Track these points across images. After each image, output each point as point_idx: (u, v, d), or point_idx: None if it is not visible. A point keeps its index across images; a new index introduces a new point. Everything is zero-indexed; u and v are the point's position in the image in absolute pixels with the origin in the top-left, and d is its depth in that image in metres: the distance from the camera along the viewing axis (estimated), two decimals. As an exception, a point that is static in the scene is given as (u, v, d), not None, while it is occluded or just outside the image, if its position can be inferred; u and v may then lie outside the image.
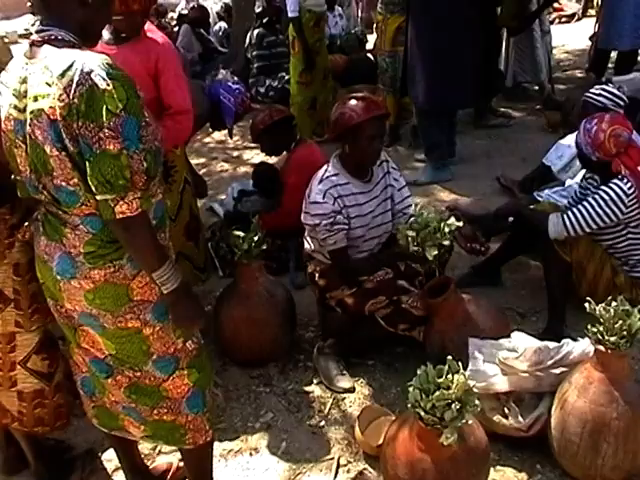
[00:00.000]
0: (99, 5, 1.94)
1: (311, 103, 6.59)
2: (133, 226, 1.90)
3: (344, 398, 3.23)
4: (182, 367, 2.21)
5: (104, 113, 1.78)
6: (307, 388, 3.33)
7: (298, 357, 3.55)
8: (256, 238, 3.36)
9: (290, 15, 6.30)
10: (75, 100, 1.78)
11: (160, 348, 2.15)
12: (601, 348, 2.44)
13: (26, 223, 2.29)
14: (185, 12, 10.08)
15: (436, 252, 2.92)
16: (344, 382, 3.28)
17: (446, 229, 2.97)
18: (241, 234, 3.37)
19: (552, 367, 2.71)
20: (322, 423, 3.09)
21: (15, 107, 1.93)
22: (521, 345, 2.75)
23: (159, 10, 10.35)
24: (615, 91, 3.92)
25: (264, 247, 3.40)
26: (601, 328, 2.43)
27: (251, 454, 2.96)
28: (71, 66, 1.80)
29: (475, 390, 2.31)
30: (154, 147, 1.94)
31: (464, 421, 2.20)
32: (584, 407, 2.48)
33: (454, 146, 5.73)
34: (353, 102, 3.13)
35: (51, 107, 1.81)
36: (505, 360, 2.73)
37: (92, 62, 1.81)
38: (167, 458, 2.91)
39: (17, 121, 1.92)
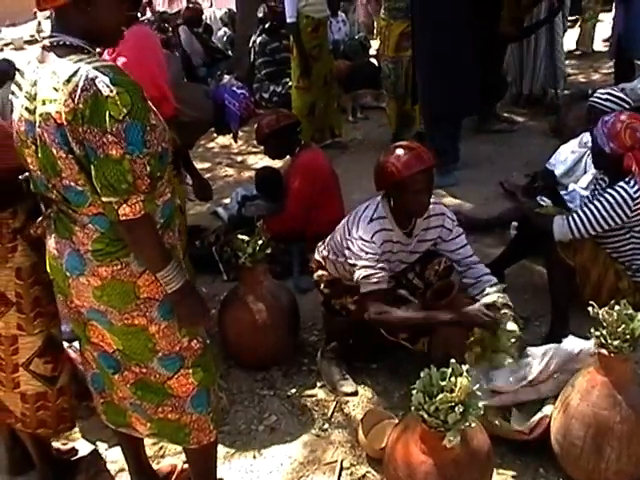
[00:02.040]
0: (100, 11, 1.94)
1: (310, 109, 6.51)
2: (136, 228, 1.94)
3: (347, 401, 3.24)
4: (187, 366, 2.24)
5: (107, 119, 1.81)
6: (311, 392, 3.34)
7: (302, 361, 3.56)
8: (260, 242, 3.38)
9: (288, 20, 6.23)
10: (80, 105, 1.81)
11: (166, 346, 2.18)
12: (604, 352, 2.45)
13: (39, 219, 2.31)
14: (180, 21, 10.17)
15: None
16: (347, 386, 3.29)
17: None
18: (245, 238, 3.39)
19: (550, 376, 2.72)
20: (325, 426, 3.10)
21: (27, 109, 1.96)
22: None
23: (163, 17, 10.44)
24: (621, 95, 3.92)
25: (268, 251, 3.41)
26: (604, 332, 2.43)
27: (255, 457, 2.97)
28: (76, 72, 1.83)
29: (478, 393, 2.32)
30: (161, 149, 1.97)
31: (467, 424, 2.21)
32: (587, 411, 2.48)
33: (458, 151, 5.74)
34: (398, 154, 2.97)
35: (57, 112, 1.85)
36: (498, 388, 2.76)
37: (97, 68, 1.84)
38: (171, 460, 2.92)
39: (28, 122, 1.96)
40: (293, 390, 3.35)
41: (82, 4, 1.90)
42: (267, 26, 8.48)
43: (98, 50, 2.08)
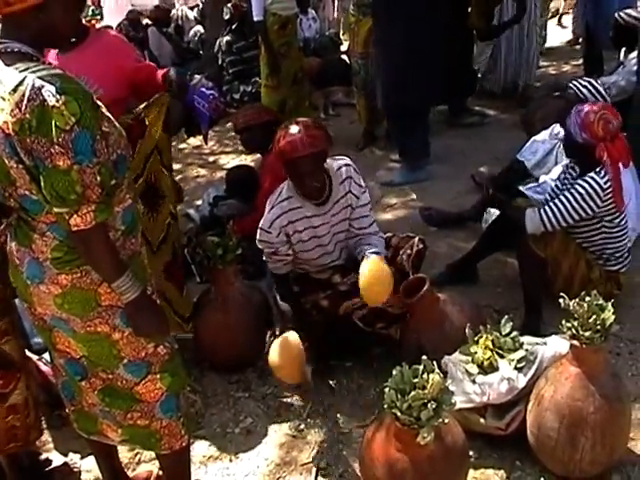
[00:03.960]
0: (52, 16, 1.90)
1: (279, 107, 6.37)
2: (88, 239, 1.91)
3: (323, 401, 3.22)
4: (154, 371, 2.22)
5: (53, 129, 1.78)
6: (286, 392, 3.31)
7: (277, 361, 3.53)
8: (231, 243, 3.35)
9: (255, 19, 6.13)
10: (27, 115, 1.78)
11: (130, 352, 2.15)
12: (576, 343, 2.45)
13: (1, 227, 2.27)
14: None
15: None
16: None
17: None
18: (215, 239, 3.37)
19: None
20: (301, 427, 3.08)
21: None
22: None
23: (128, 17, 10.29)
24: (600, 88, 3.93)
25: (239, 252, 3.39)
26: (575, 323, 2.44)
27: (231, 460, 2.95)
28: (23, 81, 1.80)
29: (452, 388, 2.31)
30: (115, 156, 1.95)
31: (440, 420, 2.20)
32: (561, 402, 2.48)
33: (428, 146, 5.71)
34: (290, 134, 2.94)
35: (5, 122, 1.81)
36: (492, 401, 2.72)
37: (43, 77, 1.80)
38: (147, 467, 2.89)
39: None
40: (268, 391, 3.32)
41: (33, 11, 1.86)
42: (234, 27, 8.42)
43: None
